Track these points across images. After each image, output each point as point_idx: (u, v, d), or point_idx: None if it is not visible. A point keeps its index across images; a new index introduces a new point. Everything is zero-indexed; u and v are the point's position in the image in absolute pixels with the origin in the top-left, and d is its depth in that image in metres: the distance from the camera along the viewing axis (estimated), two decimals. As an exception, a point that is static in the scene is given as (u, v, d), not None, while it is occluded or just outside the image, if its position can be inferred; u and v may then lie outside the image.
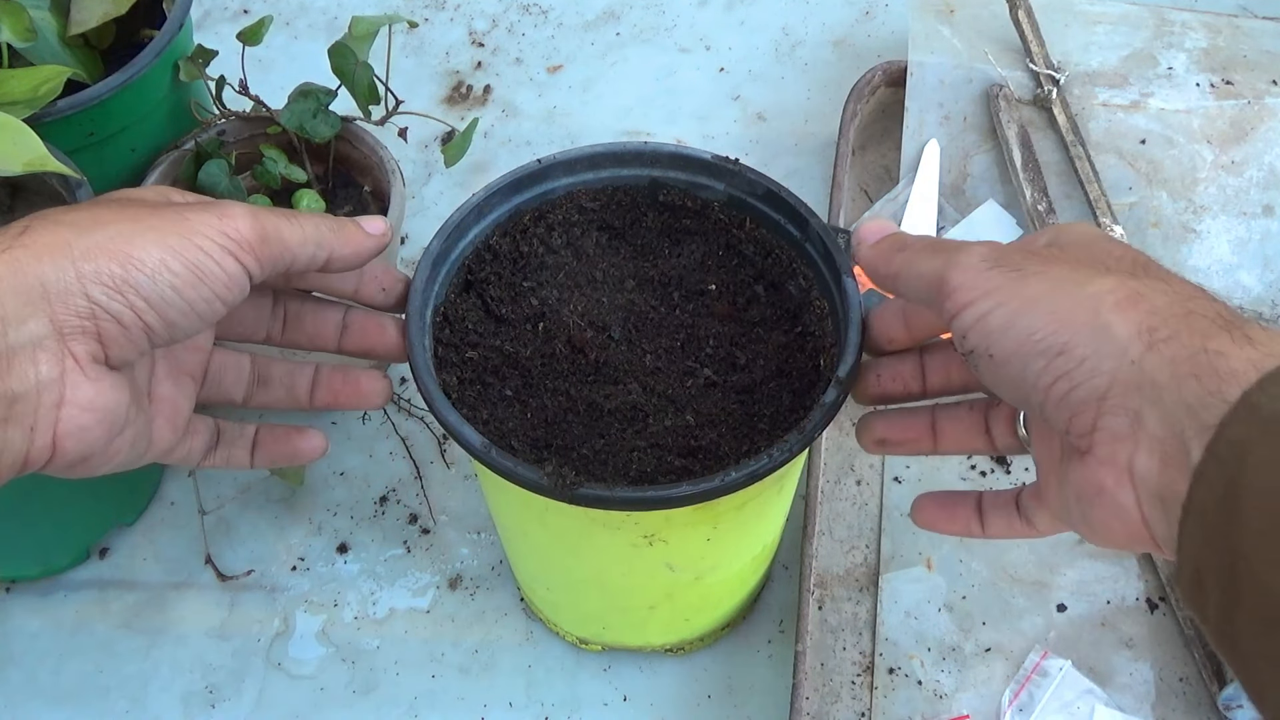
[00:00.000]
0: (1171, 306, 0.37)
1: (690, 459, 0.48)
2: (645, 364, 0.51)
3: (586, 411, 0.49)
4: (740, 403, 0.50)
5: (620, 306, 0.53)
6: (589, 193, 0.55)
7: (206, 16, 0.96)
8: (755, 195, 0.54)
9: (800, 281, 0.53)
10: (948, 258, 0.41)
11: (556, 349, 0.51)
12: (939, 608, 0.65)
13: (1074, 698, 0.61)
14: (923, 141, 0.79)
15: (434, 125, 0.86)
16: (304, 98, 0.67)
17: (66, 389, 0.39)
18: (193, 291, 0.41)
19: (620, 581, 0.56)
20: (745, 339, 0.52)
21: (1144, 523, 0.37)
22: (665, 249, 0.55)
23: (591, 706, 0.65)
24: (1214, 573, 0.33)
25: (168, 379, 0.46)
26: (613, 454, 0.48)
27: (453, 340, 0.51)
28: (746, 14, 0.96)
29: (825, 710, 0.62)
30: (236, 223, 0.42)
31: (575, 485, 0.44)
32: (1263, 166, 0.78)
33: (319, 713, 0.65)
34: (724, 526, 0.51)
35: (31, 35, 0.61)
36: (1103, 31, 0.84)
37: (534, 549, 0.58)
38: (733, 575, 0.59)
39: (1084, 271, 0.39)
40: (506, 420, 0.49)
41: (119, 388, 0.41)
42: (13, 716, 0.65)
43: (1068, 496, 0.40)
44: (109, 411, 0.41)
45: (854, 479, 0.70)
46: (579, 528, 0.50)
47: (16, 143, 0.54)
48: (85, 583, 0.69)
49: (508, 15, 0.96)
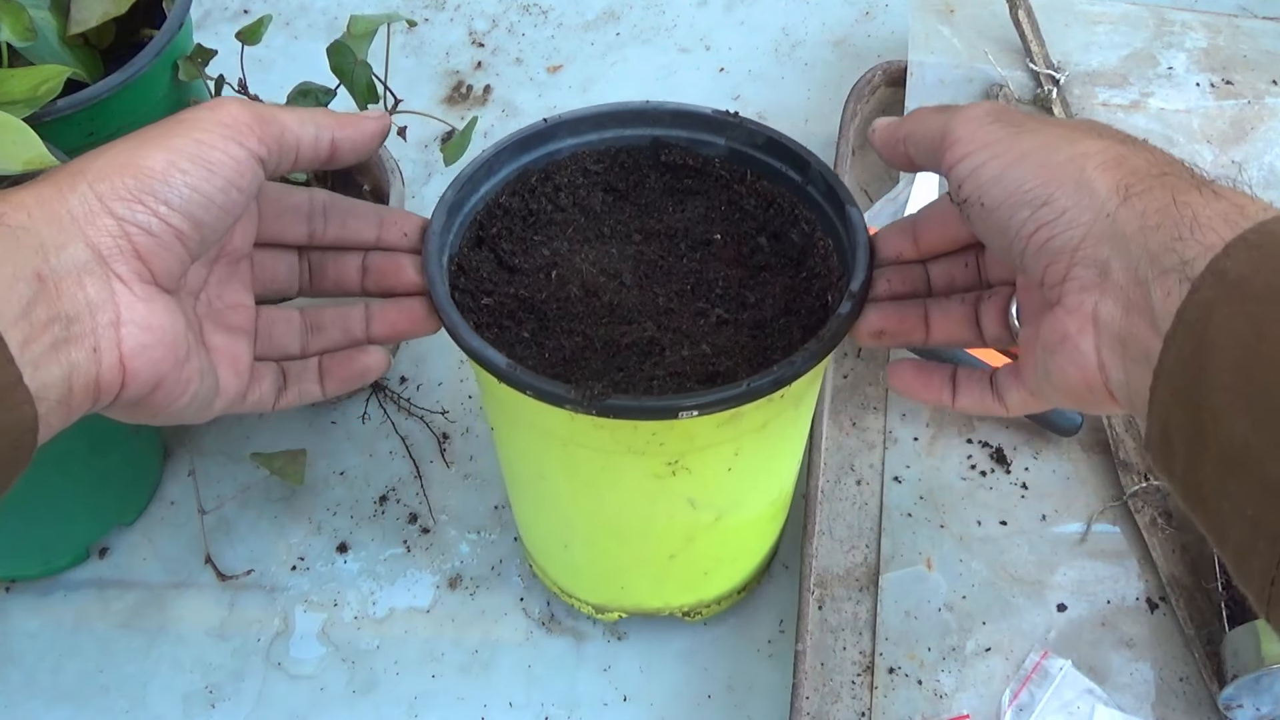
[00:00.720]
0: (1150, 168, 0.39)
1: (709, 384, 0.49)
2: (658, 304, 0.53)
3: (604, 348, 0.50)
4: (753, 336, 0.52)
5: (629, 256, 0.55)
6: (593, 155, 0.56)
7: (206, 16, 0.96)
8: (756, 146, 0.55)
9: (803, 228, 0.55)
10: (953, 113, 0.44)
11: (570, 293, 0.52)
12: (939, 608, 0.65)
13: (1074, 698, 0.61)
14: (923, 141, 0.79)
15: (434, 125, 0.86)
16: (303, 97, 0.68)
17: (120, 308, 0.40)
18: (207, 185, 0.42)
19: (641, 525, 0.57)
20: (753, 281, 0.54)
21: (1100, 368, 0.39)
22: (669, 208, 0.57)
23: (591, 706, 0.65)
24: (1181, 429, 0.34)
25: (218, 333, 0.47)
26: (632, 384, 0.49)
27: (468, 287, 0.52)
28: (746, 14, 0.96)
29: (825, 710, 0.62)
30: (230, 109, 0.43)
31: (603, 396, 0.45)
32: (1263, 166, 0.78)
33: (319, 713, 0.65)
34: (745, 452, 0.52)
35: (31, 35, 0.61)
36: (1103, 31, 0.84)
37: (552, 498, 0.58)
38: (751, 520, 0.60)
39: (1077, 133, 0.41)
40: (525, 359, 0.50)
41: (172, 310, 0.42)
42: (12, 716, 0.65)
43: (1039, 355, 0.42)
44: (167, 331, 0.41)
45: (854, 479, 0.70)
46: (601, 458, 0.51)
47: (16, 142, 0.54)
48: (85, 582, 0.69)
49: (508, 15, 0.96)
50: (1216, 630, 0.62)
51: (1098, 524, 0.67)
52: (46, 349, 0.37)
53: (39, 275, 0.38)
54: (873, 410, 0.72)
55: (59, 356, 0.38)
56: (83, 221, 0.39)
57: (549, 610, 0.67)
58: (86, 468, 0.65)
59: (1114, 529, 0.67)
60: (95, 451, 0.64)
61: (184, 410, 0.44)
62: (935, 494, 0.69)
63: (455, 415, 0.75)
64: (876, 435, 0.71)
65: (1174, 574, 0.65)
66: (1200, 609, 0.63)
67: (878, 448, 0.71)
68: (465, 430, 0.74)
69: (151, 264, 0.41)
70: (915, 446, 0.70)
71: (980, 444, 0.70)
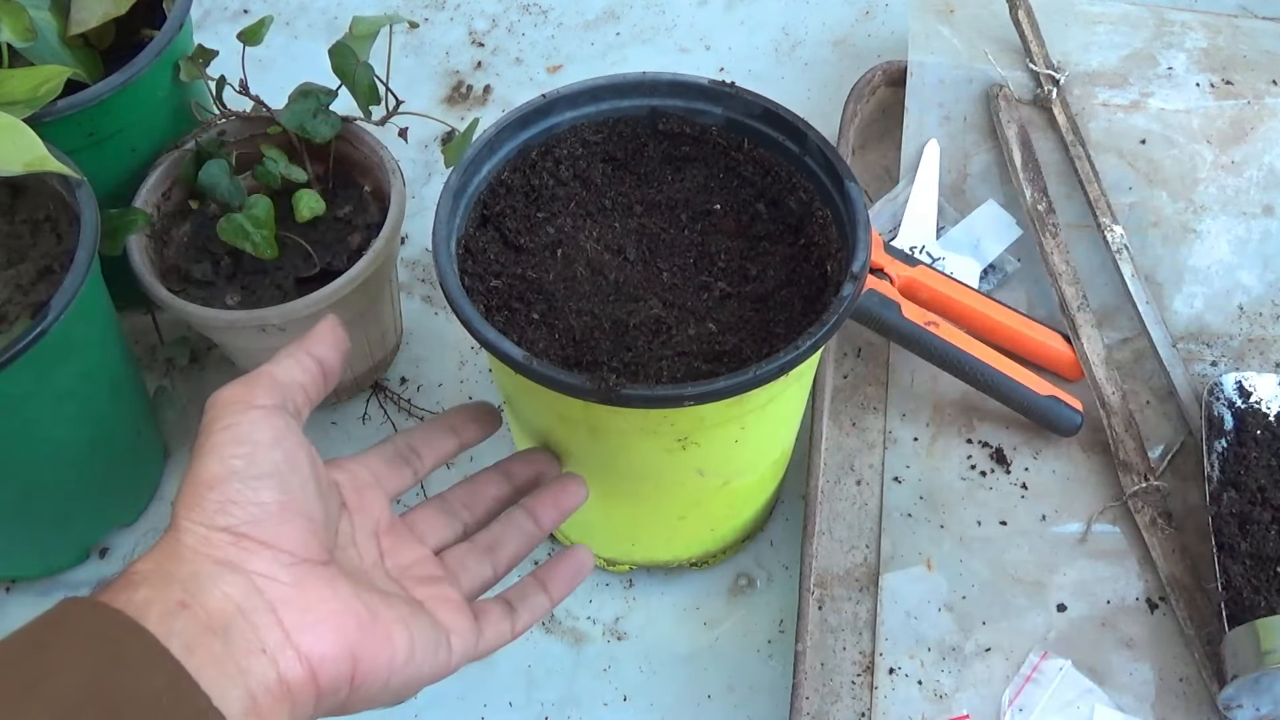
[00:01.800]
0: None
1: (716, 363, 0.50)
2: (663, 280, 0.54)
3: (612, 328, 0.52)
4: (756, 310, 0.53)
5: (632, 230, 0.56)
6: (591, 125, 0.57)
7: (206, 16, 0.96)
8: (753, 116, 0.56)
9: (800, 195, 0.55)
10: None
11: (577, 272, 0.53)
12: (939, 608, 0.65)
13: (1074, 698, 0.61)
14: (923, 141, 0.80)
15: (434, 125, 0.86)
16: (304, 98, 0.68)
17: (273, 601, 0.40)
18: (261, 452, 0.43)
19: (652, 493, 0.58)
20: (753, 252, 0.55)
21: None
22: (668, 176, 0.58)
23: (591, 706, 0.65)
24: None
25: (419, 587, 0.48)
26: (642, 365, 0.50)
27: (476, 271, 0.53)
28: (746, 14, 0.96)
29: (825, 710, 0.62)
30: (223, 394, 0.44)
31: (619, 386, 0.46)
32: (1263, 166, 0.78)
33: (319, 713, 0.65)
34: (751, 426, 0.53)
35: (31, 35, 0.61)
36: (1103, 31, 0.84)
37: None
38: (754, 481, 0.61)
39: None
40: (536, 342, 0.51)
41: (330, 580, 0.42)
42: (13, 716, 0.65)
43: None
44: (329, 600, 0.42)
45: (854, 479, 0.70)
46: (615, 438, 0.52)
47: (16, 143, 0.54)
48: (85, 583, 0.69)
49: (508, 15, 0.96)
50: (1216, 630, 0.62)
51: (1098, 524, 0.67)
52: (210, 665, 0.37)
53: (182, 604, 0.38)
54: (873, 410, 0.72)
55: (226, 669, 0.38)
56: (200, 548, 0.40)
57: (549, 610, 0.68)
58: (86, 468, 0.65)
59: (1114, 529, 0.67)
60: (95, 451, 0.64)
61: (416, 667, 0.44)
62: (935, 494, 0.69)
63: (455, 415, 0.75)
64: (876, 435, 0.71)
65: (1174, 574, 0.65)
66: (1200, 609, 0.63)
67: (878, 448, 0.71)
68: (465, 430, 0.74)
69: (281, 544, 0.41)
70: (915, 446, 0.70)
71: (980, 444, 0.70)
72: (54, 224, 0.63)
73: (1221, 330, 0.74)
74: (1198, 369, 0.72)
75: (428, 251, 0.82)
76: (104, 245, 0.63)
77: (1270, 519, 0.64)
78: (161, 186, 0.69)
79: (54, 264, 0.62)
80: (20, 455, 0.60)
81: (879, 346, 0.74)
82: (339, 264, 0.67)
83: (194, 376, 0.76)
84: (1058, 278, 0.74)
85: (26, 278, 0.61)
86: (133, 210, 0.65)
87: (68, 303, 0.55)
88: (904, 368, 0.73)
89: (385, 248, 0.65)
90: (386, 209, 0.67)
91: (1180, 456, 0.69)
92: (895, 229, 0.77)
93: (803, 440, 0.68)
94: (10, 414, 0.57)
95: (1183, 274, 0.75)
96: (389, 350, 0.75)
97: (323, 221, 0.69)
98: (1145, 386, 0.72)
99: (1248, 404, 0.68)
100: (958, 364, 0.68)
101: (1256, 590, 0.61)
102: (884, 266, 0.70)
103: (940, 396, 0.72)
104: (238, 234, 0.65)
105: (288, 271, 0.68)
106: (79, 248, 0.57)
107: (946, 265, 0.75)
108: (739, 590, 0.68)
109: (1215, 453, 0.66)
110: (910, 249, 0.76)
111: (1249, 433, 0.67)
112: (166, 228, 0.69)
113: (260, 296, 0.67)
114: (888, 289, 0.68)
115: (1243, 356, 0.73)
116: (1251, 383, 0.69)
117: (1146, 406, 0.71)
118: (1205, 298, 0.75)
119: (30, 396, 0.57)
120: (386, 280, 0.70)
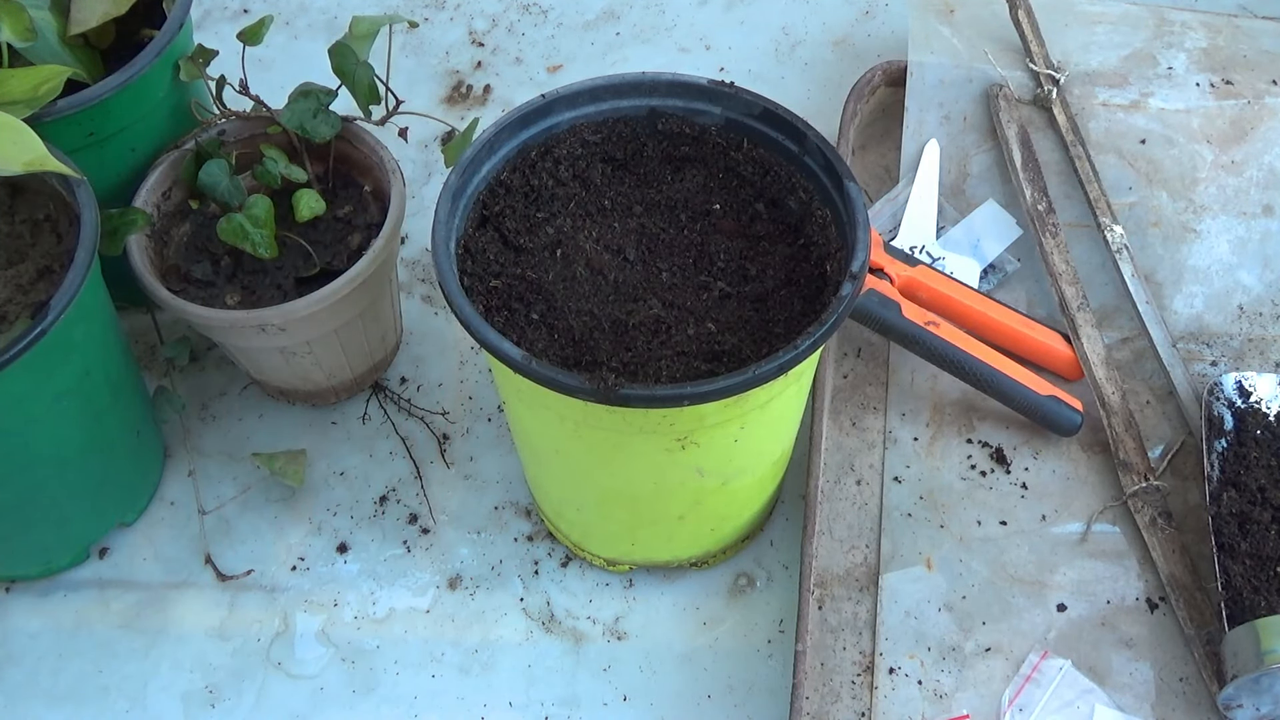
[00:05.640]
0: None
1: (715, 363, 0.50)
2: (662, 280, 0.54)
3: (612, 328, 0.52)
4: (755, 310, 0.53)
5: (632, 230, 0.56)
6: (590, 126, 0.57)
7: (206, 16, 0.96)
8: (752, 115, 0.56)
9: (800, 195, 0.56)
10: None
11: (576, 273, 0.54)
12: (939, 608, 0.65)
13: (1074, 698, 0.61)
14: (923, 141, 0.79)
15: (434, 125, 0.86)
16: (304, 97, 0.67)
17: None
18: None
19: (651, 493, 0.58)
20: (753, 252, 0.55)
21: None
22: (667, 176, 0.58)
23: (591, 706, 0.65)
24: None
25: None
26: (642, 365, 0.50)
27: (476, 271, 0.53)
28: (746, 14, 0.96)
29: (825, 710, 0.62)
30: None
31: (618, 387, 0.46)
32: (1262, 166, 0.78)
33: (319, 713, 0.65)
34: (750, 425, 0.53)
35: (31, 35, 0.61)
36: (1103, 31, 0.84)
37: (566, 470, 0.60)
38: (754, 481, 0.61)
39: None
40: (536, 342, 0.51)
41: None
42: (13, 716, 0.65)
43: None
44: None
45: (854, 479, 0.70)
46: (614, 438, 0.52)
47: (16, 143, 0.54)
48: (85, 582, 0.69)
49: (508, 15, 0.96)
50: (1216, 630, 0.62)
51: (1098, 524, 0.67)
52: None
53: None
54: (873, 410, 0.72)
55: None
56: None
57: (549, 610, 0.67)
58: (86, 468, 0.65)
59: (1114, 529, 0.67)
60: (95, 452, 0.64)
61: None
62: (935, 494, 0.69)
63: (455, 416, 0.75)
64: (876, 435, 0.71)
65: (1174, 574, 0.65)
66: (1200, 609, 0.63)
67: (878, 448, 0.71)
68: (465, 431, 0.74)
69: None
70: (915, 446, 0.70)
71: (980, 444, 0.70)
72: (54, 224, 0.63)
73: (1221, 330, 0.74)
74: (1198, 369, 0.72)
75: (428, 251, 0.82)
76: (104, 245, 0.63)
77: (1270, 519, 0.64)
78: (161, 186, 0.69)
79: (54, 264, 0.62)
80: (20, 455, 0.60)
81: (879, 346, 0.74)
82: (339, 264, 0.67)
83: (194, 376, 0.76)
84: (1058, 278, 0.74)
85: (26, 277, 0.61)
86: (133, 210, 0.65)
87: (68, 303, 0.55)
88: (904, 368, 0.73)
89: (385, 247, 0.65)
90: (386, 209, 0.67)
91: (1180, 456, 0.69)
92: (895, 229, 0.77)
93: (803, 440, 0.68)
94: (10, 414, 0.57)
95: (1183, 274, 0.75)
96: (389, 350, 0.76)
97: (323, 221, 0.69)
98: (1145, 386, 0.72)
99: (1248, 404, 0.68)
100: (958, 364, 0.68)
101: (1256, 590, 0.61)
102: (884, 266, 0.70)
103: (940, 396, 0.72)
104: (238, 234, 0.65)
105: (288, 271, 0.68)
106: (79, 248, 0.57)
107: (946, 265, 0.75)
108: (739, 590, 0.68)
109: (1215, 453, 0.66)
110: (910, 249, 0.76)
111: (1249, 433, 0.67)
112: (166, 228, 0.69)
113: (260, 296, 0.67)
114: (888, 289, 0.68)
115: (1243, 356, 0.73)
116: (1251, 383, 0.69)
117: (1146, 406, 0.71)
118: (1205, 298, 0.75)
119: (30, 396, 0.57)
120: (386, 280, 0.70)
